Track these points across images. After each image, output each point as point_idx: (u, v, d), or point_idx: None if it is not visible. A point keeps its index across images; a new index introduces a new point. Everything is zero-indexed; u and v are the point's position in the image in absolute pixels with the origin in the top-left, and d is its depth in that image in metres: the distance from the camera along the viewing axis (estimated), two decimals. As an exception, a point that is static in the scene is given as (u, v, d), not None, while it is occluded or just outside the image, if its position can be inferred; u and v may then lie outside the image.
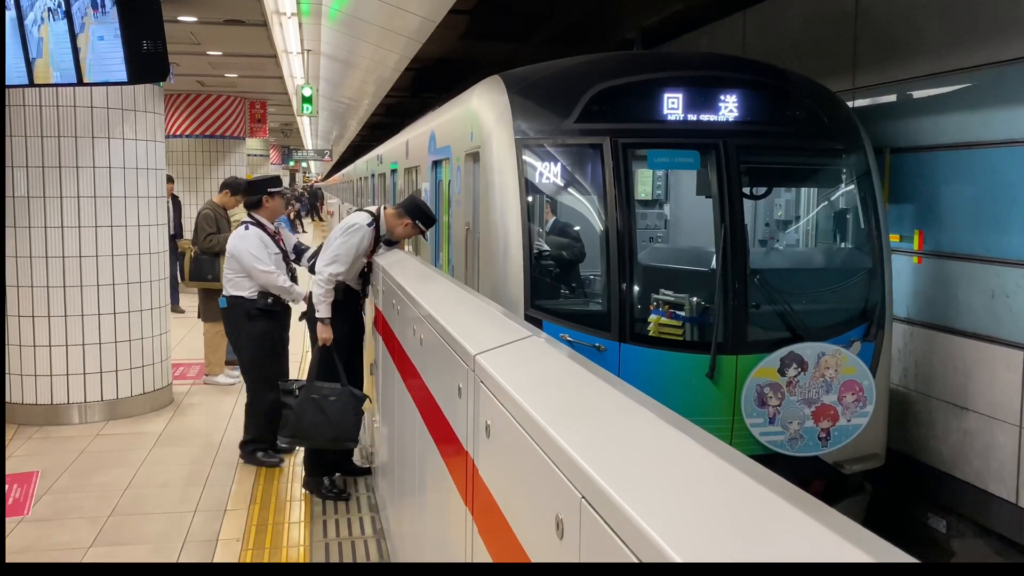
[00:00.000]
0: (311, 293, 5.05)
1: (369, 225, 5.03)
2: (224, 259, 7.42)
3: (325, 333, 4.96)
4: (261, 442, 5.58)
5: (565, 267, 5.70)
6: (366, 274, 5.18)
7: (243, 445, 5.64)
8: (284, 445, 5.23)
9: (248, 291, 5.45)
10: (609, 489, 1.19)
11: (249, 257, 5.40)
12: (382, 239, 5.15)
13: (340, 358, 5.03)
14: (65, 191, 6.31)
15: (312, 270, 5.17)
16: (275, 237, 5.62)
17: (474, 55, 12.87)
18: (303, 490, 5.12)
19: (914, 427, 5.99)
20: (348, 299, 5.14)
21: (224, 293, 5.57)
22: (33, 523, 4.65)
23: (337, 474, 5.24)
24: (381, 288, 4.67)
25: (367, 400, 5.06)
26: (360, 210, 5.28)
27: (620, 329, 4.97)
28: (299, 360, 8.06)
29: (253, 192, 5.70)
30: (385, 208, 5.24)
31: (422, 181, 8.80)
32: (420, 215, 5.20)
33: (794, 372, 4.94)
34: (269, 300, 5.48)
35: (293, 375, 7.59)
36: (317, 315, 4.95)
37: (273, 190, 5.67)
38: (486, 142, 5.42)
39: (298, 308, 5.53)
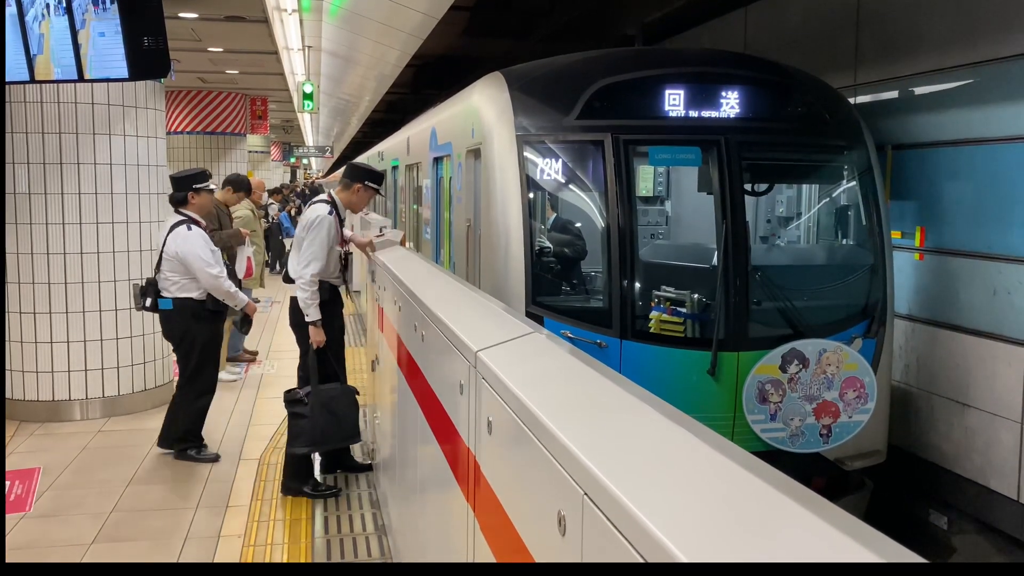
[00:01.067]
0: (293, 298, 4.98)
1: (329, 213, 4.97)
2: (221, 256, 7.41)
3: (319, 336, 4.91)
4: (191, 441, 5.59)
5: (566, 264, 5.70)
6: (344, 266, 5.15)
7: (175, 443, 5.62)
8: (301, 452, 4.99)
9: (197, 293, 5.41)
10: (611, 485, 1.19)
11: (198, 261, 5.35)
12: (343, 221, 5.17)
13: (332, 356, 5.04)
14: (66, 187, 6.31)
15: (288, 279, 5.06)
16: (208, 231, 5.63)
17: (475, 51, 12.85)
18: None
19: (915, 424, 5.99)
20: (331, 296, 5.09)
21: (167, 295, 5.41)
22: (35, 519, 4.66)
23: (338, 470, 5.25)
24: (383, 285, 4.67)
25: (358, 393, 5.11)
26: (314, 203, 5.17)
27: (621, 326, 4.96)
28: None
29: (178, 189, 5.57)
30: (333, 191, 5.23)
31: (423, 178, 8.80)
32: (365, 175, 5.19)
33: (795, 369, 4.94)
34: (219, 302, 5.51)
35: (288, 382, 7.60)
36: (308, 319, 4.88)
37: (198, 186, 5.58)
38: (487, 139, 5.42)
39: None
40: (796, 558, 0.95)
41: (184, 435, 5.59)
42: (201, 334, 5.48)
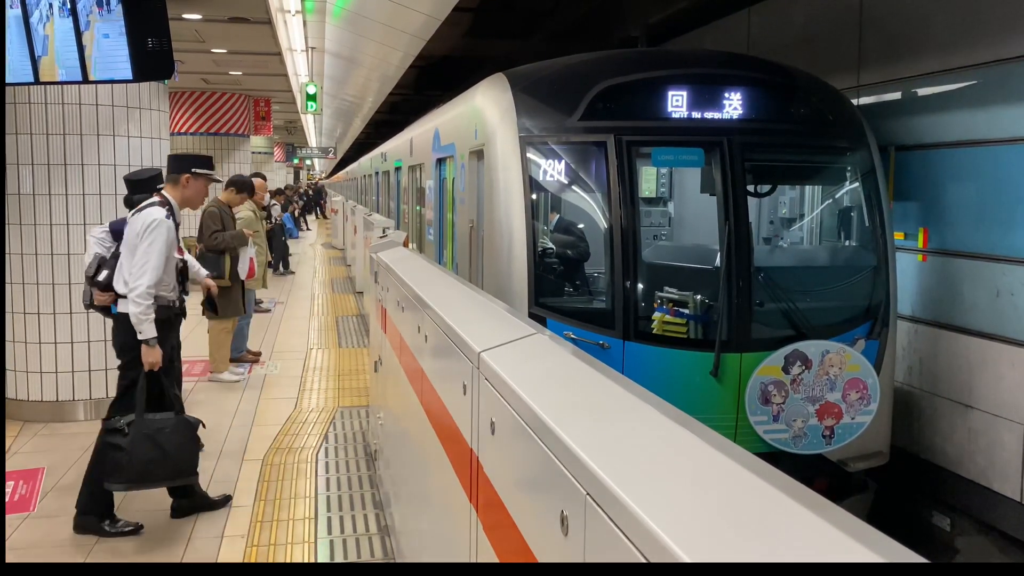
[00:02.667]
0: (117, 316, 4.48)
1: (167, 216, 4.40)
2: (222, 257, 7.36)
3: (152, 356, 4.32)
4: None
5: (569, 265, 5.70)
6: (182, 279, 4.66)
7: None
8: (117, 489, 4.41)
9: None
10: (614, 486, 1.20)
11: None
12: (179, 224, 4.67)
13: (166, 381, 4.47)
14: (70, 188, 6.33)
15: (103, 295, 4.49)
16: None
17: (478, 52, 12.87)
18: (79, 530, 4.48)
19: (918, 425, 5.99)
20: (167, 314, 4.51)
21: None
22: (39, 519, 4.66)
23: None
24: (386, 286, 4.67)
25: (201, 425, 4.61)
26: (145, 206, 4.51)
27: (624, 327, 4.97)
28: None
29: (144, 190, 5.20)
30: (162, 192, 4.67)
31: (426, 179, 8.81)
32: (190, 163, 4.72)
33: (798, 370, 4.94)
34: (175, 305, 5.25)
35: (292, 383, 7.57)
36: (141, 336, 4.27)
37: (161, 187, 5.35)
38: (490, 140, 5.42)
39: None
40: (799, 558, 0.95)
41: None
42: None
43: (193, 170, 4.70)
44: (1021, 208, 5.16)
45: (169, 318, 4.58)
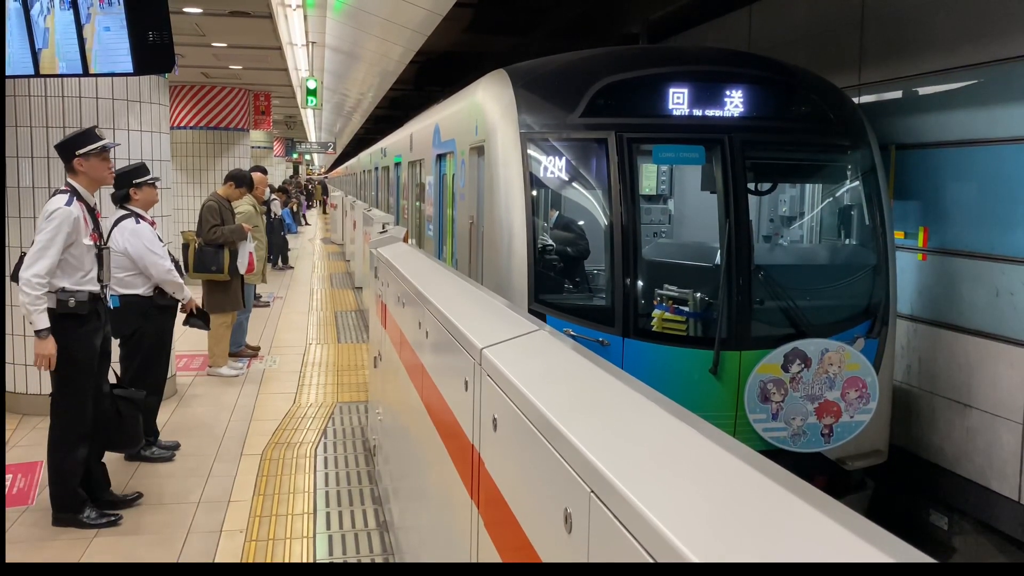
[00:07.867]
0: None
1: (68, 204, 4.25)
2: (215, 252, 7.37)
3: (44, 348, 4.13)
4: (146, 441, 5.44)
5: (569, 262, 5.70)
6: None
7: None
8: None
9: (144, 289, 5.32)
10: (618, 483, 1.19)
11: (148, 253, 5.23)
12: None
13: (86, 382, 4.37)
14: (70, 182, 6.31)
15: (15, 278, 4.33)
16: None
17: (479, 48, 12.86)
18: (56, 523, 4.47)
19: (917, 424, 6.00)
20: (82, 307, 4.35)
21: (112, 292, 5.16)
22: (37, 513, 4.66)
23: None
24: (386, 281, 4.67)
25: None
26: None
27: (624, 324, 4.97)
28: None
29: (119, 186, 5.38)
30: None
31: (426, 174, 8.80)
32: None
33: (798, 368, 4.94)
34: (167, 297, 5.43)
35: (290, 377, 7.54)
36: (33, 327, 4.13)
37: (139, 181, 5.43)
38: (491, 136, 5.42)
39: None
40: (808, 558, 0.95)
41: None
42: (149, 331, 5.40)
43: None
44: (1021, 208, 5.17)
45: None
